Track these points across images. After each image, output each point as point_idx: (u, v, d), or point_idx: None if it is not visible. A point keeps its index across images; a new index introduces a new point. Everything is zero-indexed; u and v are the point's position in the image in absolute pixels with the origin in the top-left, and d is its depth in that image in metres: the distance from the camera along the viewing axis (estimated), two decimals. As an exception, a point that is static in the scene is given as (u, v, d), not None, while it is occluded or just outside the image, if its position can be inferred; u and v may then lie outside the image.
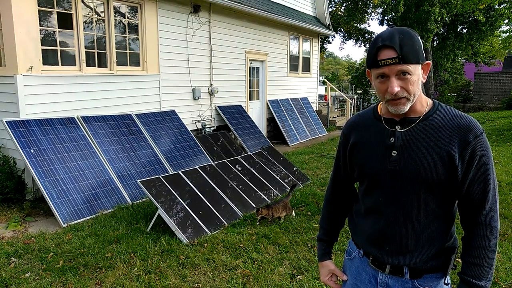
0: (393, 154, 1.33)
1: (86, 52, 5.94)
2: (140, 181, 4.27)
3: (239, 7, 8.49)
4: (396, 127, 1.35)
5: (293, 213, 4.77)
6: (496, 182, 1.31)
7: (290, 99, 11.57)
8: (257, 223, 4.46)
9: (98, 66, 6.20)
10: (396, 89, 1.24)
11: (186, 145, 6.86)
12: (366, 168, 1.40)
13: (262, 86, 10.53)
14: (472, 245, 1.28)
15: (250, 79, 10.00)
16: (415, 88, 1.27)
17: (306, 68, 12.73)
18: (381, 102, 1.44)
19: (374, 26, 36.16)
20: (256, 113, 10.40)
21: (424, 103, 1.34)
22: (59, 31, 5.60)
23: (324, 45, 22.41)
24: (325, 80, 18.37)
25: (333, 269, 1.59)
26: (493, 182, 1.29)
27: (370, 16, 22.17)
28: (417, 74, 1.27)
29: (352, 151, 1.47)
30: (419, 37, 1.28)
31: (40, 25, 5.34)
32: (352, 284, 1.51)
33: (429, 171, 1.27)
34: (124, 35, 6.54)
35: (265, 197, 5.24)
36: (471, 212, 1.30)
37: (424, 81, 1.32)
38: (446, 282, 1.35)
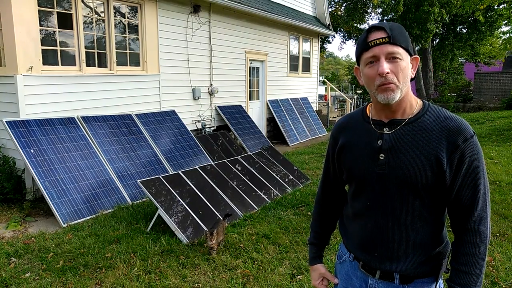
0: (380, 157, 1.30)
1: (86, 52, 5.94)
2: (140, 181, 4.28)
3: (239, 7, 8.50)
4: (384, 129, 1.31)
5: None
6: (488, 188, 1.26)
7: (290, 99, 11.57)
8: (209, 253, 3.65)
9: (98, 66, 6.20)
10: (386, 69, 1.21)
11: (186, 145, 6.86)
12: (354, 171, 1.37)
13: (262, 86, 10.53)
14: (461, 251, 1.25)
15: (250, 79, 10.00)
16: (404, 75, 1.24)
17: (306, 68, 12.73)
18: (370, 103, 1.40)
19: (374, 26, 36.08)
20: (256, 113, 10.40)
21: (414, 104, 1.31)
22: (59, 31, 5.60)
23: (324, 45, 22.42)
24: (325, 80, 18.37)
25: (323, 273, 1.56)
26: (484, 187, 1.24)
27: (370, 16, 22.23)
28: (407, 62, 1.25)
29: (341, 153, 1.43)
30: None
31: (40, 25, 5.34)
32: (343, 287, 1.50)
33: (417, 176, 1.24)
34: (124, 35, 6.54)
35: (265, 197, 5.24)
36: (460, 218, 1.26)
37: (412, 76, 1.29)
38: (438, 287, 1.33)
